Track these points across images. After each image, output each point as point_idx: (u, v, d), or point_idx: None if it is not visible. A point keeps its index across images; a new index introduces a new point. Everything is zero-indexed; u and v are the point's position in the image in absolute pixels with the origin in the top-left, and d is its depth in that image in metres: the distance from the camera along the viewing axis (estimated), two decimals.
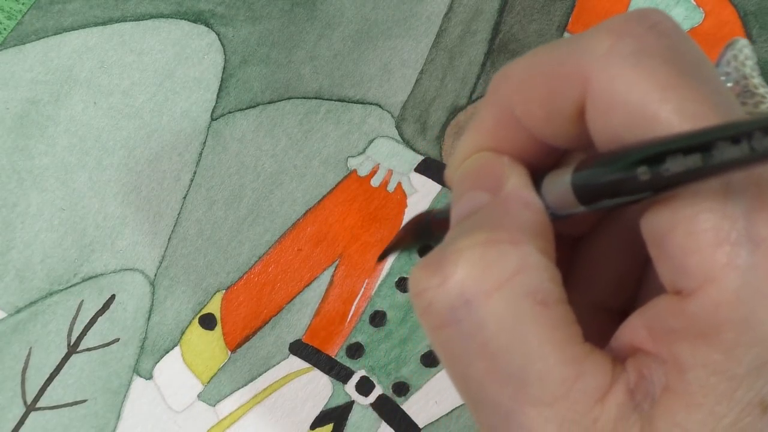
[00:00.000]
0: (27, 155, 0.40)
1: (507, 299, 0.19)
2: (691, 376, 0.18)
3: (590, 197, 0.20)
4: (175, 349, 0.37)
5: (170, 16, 0.42)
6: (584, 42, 0.20)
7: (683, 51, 0.20)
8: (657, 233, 0.19)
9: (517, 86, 0.22)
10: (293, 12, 0.42)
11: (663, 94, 0.19)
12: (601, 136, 0.20)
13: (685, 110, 0.18)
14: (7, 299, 0.38)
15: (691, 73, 0.19)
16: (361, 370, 0.37)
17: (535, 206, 0.21)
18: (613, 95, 0.19)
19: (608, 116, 0.20)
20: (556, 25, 0.41)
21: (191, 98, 0.41)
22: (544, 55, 0.21)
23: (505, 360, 0.20)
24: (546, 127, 0.22)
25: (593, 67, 0.20)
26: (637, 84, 0.19)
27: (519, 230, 0.20)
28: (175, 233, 0.39)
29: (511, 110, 0.22)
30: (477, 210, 0.22)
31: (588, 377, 0.19)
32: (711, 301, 0.18)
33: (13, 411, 0.36)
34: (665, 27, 0.20)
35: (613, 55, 0.20)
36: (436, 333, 0.21)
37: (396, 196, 0.39)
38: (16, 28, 0.42)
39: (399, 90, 0.41)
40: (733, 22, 0.41)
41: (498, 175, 0.22)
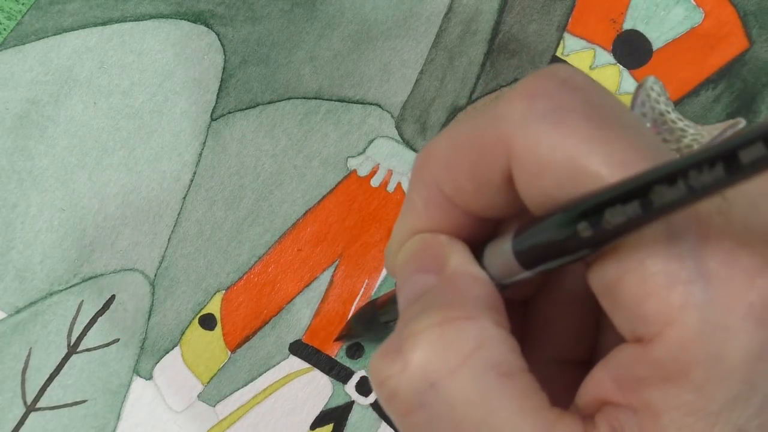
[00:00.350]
0: (27, 156, 0.40)
1: (472, 375, 0.19)
2: (666, 420, 0.18)
3: (533, 261, 0.20)
4: (175, 349, 0.37)
5: (170, 17, 0.42)
6: (499, 109, 0.20)
7: (599, 102, 0.20)
8: (606, 285, 0.19)
9: (441, 164, 0.22)
10: (293, 12, 0.42)
11: (587, 147, 0.18)
12: (534, 200, 0.20)
13: (612, 160, 0.18)
14: (7, 299, 0.38)
15: (611, 122, 0.19)
16: (361, 370, 0.37)
17: (482, 280, 0.21)
18: (538, 157, 0.19)
19: (537, 179, 0.19)
20: (555, 25, 0.41)
21: (191, 98, 0.41)
22: (464, 128, 0.21)
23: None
24: (476, 200, 0.21)
25: (513, 133, 0.20)
26: (560, 142, 0.19)
27: (471, 306, 0.20)
28: (175, 233, 0.39)
29: (439, 188, 0.22)
30: (424, 292, 0.22)
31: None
32: (674, 343, 0.18)
33: (13, 411, 0.36)
34: (577, 81, 0.20)
35: (531, 118, 0.19)
36: (404, 419, 0.20)
37: (396, 196, 0.39)
38: (15, 28, 0.42)
39: (399, 90, 0.41)
40: (733, 22, 0.41)
41: (439, 254, 0.22)
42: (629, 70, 0.40)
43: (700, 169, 0.16)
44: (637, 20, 0.41)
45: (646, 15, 0.41)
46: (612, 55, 0.41)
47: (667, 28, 0.41)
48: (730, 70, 0.40)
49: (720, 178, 0.16)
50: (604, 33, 0.41)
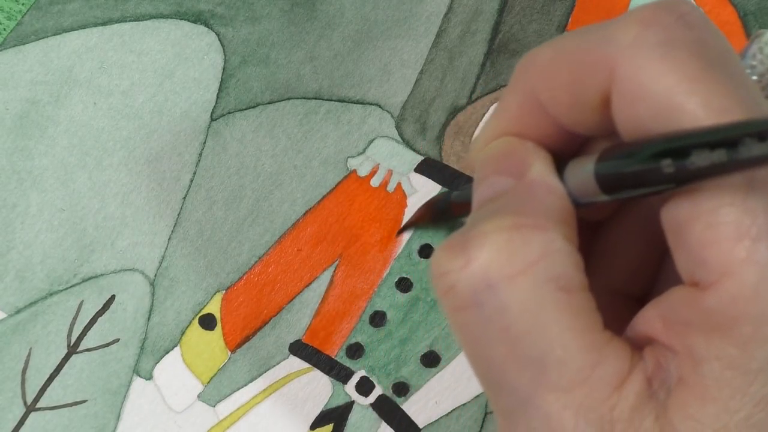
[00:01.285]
0: (27, 156, 0.40)
1: (530, 284, 0.19)
2: (705, 369, 0.18)
3: (613, 187, 0.20)
4: (175, 349, 0.37)
5: (170, 17, 0.42)
6: (611, 30, 0.20)
7: (711, 44, 0.20)
8: (677, 224, 0.19)
9: (542, 72, 0.22)
10: (293, 12, 0.42)
11: (690, 86, 0.19)
12: (626, 126, 0.20)
13: (711, 104, 0.18)
14: (6, 300, 0.38)
15: (718, 66, 0.19)
16: (361, 371, 0.37)
17: (559, 193, 0.21)
18: (640, 85, 0.19)
19: (634, 106, 0.19)
20: (555, 25, 0.41)
21: (191, 98, 0.41)
22: (571, 42, 0.21)
23: (526, 345, 0.20)
24: (570, 114, 0.22)
25: (620, 56, 0.20)
26: (663, 75, 0.19)
27: (544, 216, 0.20)
28: (175, 233, 0.39)
29: (535, 96, 0.22)
30: (501, 194, 0.22)
31: (607, 365, 0.19)
32: (728, 294, 0.18)
33: (13, 411, 0.36)
34: (693, 18, 0.20)
35: (640, 45, 0.19)
36: (456, 315, 0.21)
37: (396, 196, 0.39)
38: (15, 28, 0.42)
39: (399, 90, 0.41)
40: (733, 22, 0.41)
41: (522, 160, 0.22)
42: None
43: None
44: None
45: None
46: None
47: None
48: None
49: None
50: None
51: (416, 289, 0.37)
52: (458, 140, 0.40)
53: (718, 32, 0.20)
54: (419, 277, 0.38)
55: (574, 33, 0.22)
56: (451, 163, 0.39)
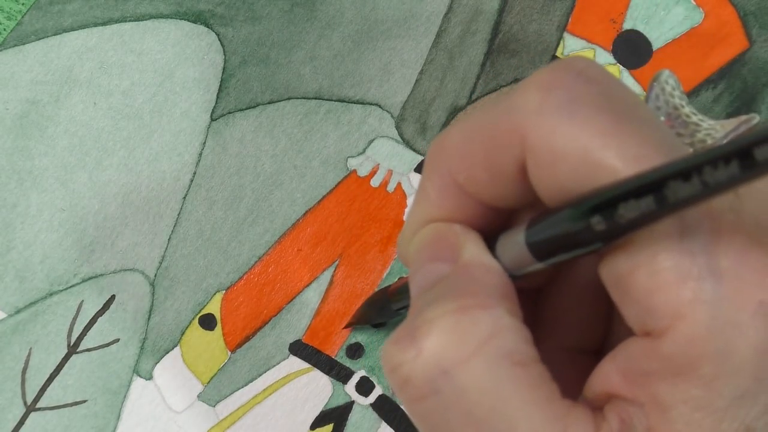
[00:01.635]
0: (27, 156, 0.40)
1: (485, 364, 0.19)
2: (674, 414, 0.18)
3: (546, 253, 0.20)
4: (175, 349, 0.37)
5: (170, 17, 0.42)
6: (514, 99, 0.20)
7: (615, 95, 0.19)
8: (617, 278, 0.19)
9: (455, 153, 0.22)
10: (293, 12, 0.42)
11: (603, 140, 0.18)
12: (547, 191, 0.20)
13: (627, 154, 0.18)
14: (7, 300, 0.38)
15: (627, 116, 0.19)
16: (361, 371, 0.37)
17: (495, 270, 0.21)
18: (553, 149, 0.19)
19: (551, 170, 0.19)
20: (555, 25, 0.41)
21: (191, 98, 0.41)
22: (478, 119, 0.21)
23: (491, 425, 0.19)
24: (490, 190, 0.21)
25: (528, 123, 0.20)
26: (575, 134, 0.19)
27: (486, 295, 0.20)
28: (175, 234, 0.39)
29: (452, 178, 0.22)
30: (438, 281, 0.22)
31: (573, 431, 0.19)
32: (683, 338, 0.18)
33: (13, 411, 0.36)
34: (593, 73, 0.20)
35: (546, 109, 0.19)
36: (416, 406, 0.20)
37: (396, 196, 0.39)
38: (15, 28, 0.42)
39: (399, 90, 0.41)
40: (733, 22, 0.41)
41: (452, 244, 0.22)
42: (629, 70, 0.40)
43: (715, 165, 0.16)
44: (637, 20, 0.41)
45: (646, 15, 0.41)
46: (612, 55, 0.41)
47: (667, 28, 0.41)
48: (730, 70, 0.40)
49: (735, 175, 0.16)
50: (604, 33, 0.41)
51: None
52: None
53: (619, 82, 0.20)
54: None
55: (478, 109, 0.22)
56: None
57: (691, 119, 0.34)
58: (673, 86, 0.34)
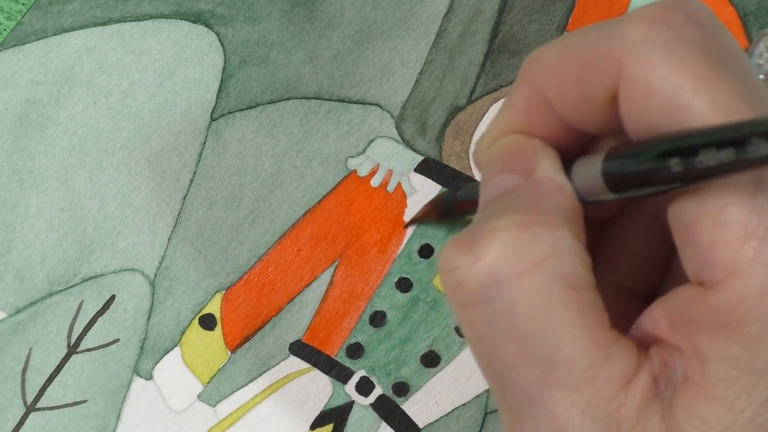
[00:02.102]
0: (27, 156, 0.40)
1: (539, 282, 0.19)
2: (711, 368, 0.18)
3: (620, 185, 0.20)
4: (175, 349, 0.37)
5: (170, 17, 0.42)
6: (619, 28, 0.20)
7: (719, 43, 0.20)
8: (684, 223, 0.19)
9: (549, 69, 0.22)
10: (293, 12, 0.42)
11: (697, 85, 0.19)
12: (634, 124, 0.20)
13: (718, 103, 0.18)
14: (7, 300, 0.38)
15: (725, 65, 0.19)
16: (361, 371, 0.37)
17: (567, 191, 0.21)
18: (647, 83, 0.19)
19: (641, 104, 0.19)
20: (555, 25, 0.41)
21: (191, 98, 0.41)
22: (578, 40, 0.21)
23: (534, 342, 0.20)
24: (578, 112, 0.22)
25: (628, 53, 0.20)
26: (671, 73, 0.19)
27: (552, 214, 0.20)
28: (175, 234, 0.39)
29: (542, 93, 0.22)
30: (508, 192, 0.22)
31: (614, 363, 0.19)
32: (735, 294, 0.18)
33: (13, 411, 0.36)
34: (702, 17, 0.20)
35: (648, 43, 0.19)
36: (464, 311, 0.21)
37: (396, 196, 0.39)
38: (15, 28, 0.42)
39: (399, 90, 0.41)
40: (733, 22, 0.41)
41: (529, 158, 0.22)
42: None
43: None
44: None
45: None
46: None
47: None
48: None
49: None
50: None
51: (416, 289, 0.37)
52: (458, 140, 0.40)
53: (725, 31, 0.20)
54: (419, 277, 0.38)
55: (581, 31, 0.22)
56: (451, 163, 0.39)
57: None
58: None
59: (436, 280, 0.38)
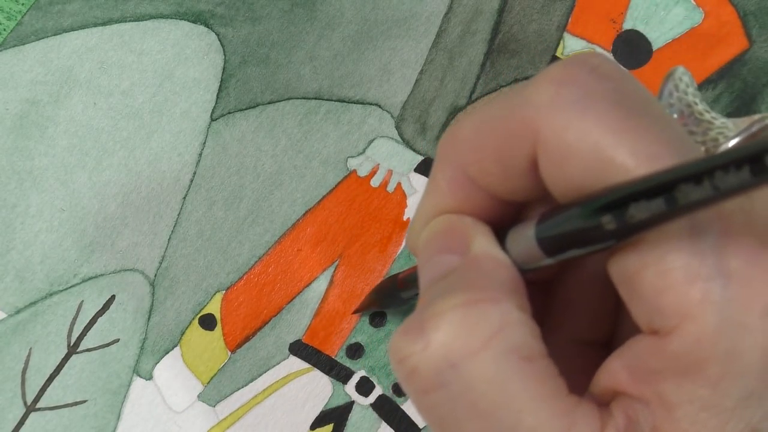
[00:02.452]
0: (27, 156, 0.40)
1: (493, 358, 0.19)
2: (680, 414, 0.18)
3: (556, 249, 0.20)
4: (175, 349, 0.37)
5: (170, 17, 0.42)
6: (527, 93, 0.20)
7: (629, 92, 0.19)
8: (627, 276, 0.19)
9: (467, 145, 0.22)
10: (293, 12, 0.42)
11: (615, 138, 0.18)
12: (558, 186, 0.20)
13: (640, 152, 0.18)
14: (6, 300, 0.38)
15: (640, 113, 0.19)
16: (361, 371, 0.37)
17: (505, 263, 0.21)
18: (565, 144, 0.19)
19: (562, 166, 0.19)
20: (555, 25, 0.41)
21: (191, 99, 0.41)
22: (490, 111, 0.21)
23: (497, 419, 0.19)
24: (501, 183, 0.22)
25: (540, 117, 0.20)
26: (587, 131, 0.19)
27: (495, 288, 0.20)
28: (175, 234, 0.39)
29: (464, 170, 0.22)
30: (447, 273, 0.22)
31: (578, 428, 0.19)
32: (691, 337, 0.18)
33: (13, 411, 0.36)
34: (606, 69, 0.20)
35: (559, 104, 0.19)
36: (422, 397, 0.20)
37: (396, 196, 0.39)
38: (15, 28, 0.42)
39: (399, 90, 0.41)
40: (733, 22, 0.41)
41: (463, 236, 0.22)
42: (629, 70, 0.40)
43: (726, 170, 0.16)
44: (637, 20, 0.41)
45: (646, 15, 0.41)
46: (612, 55, 0.41)
47: (666, 28, 0.41)
48: (730, 70, 0.40)
49: (746, 180, 0.16)
50: (604, 33, 0.41)
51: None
52: None
53: (632, 79, 0.20)
54: None
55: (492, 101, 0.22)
56: None
57: (704, 117, 0.34)
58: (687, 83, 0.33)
59: None
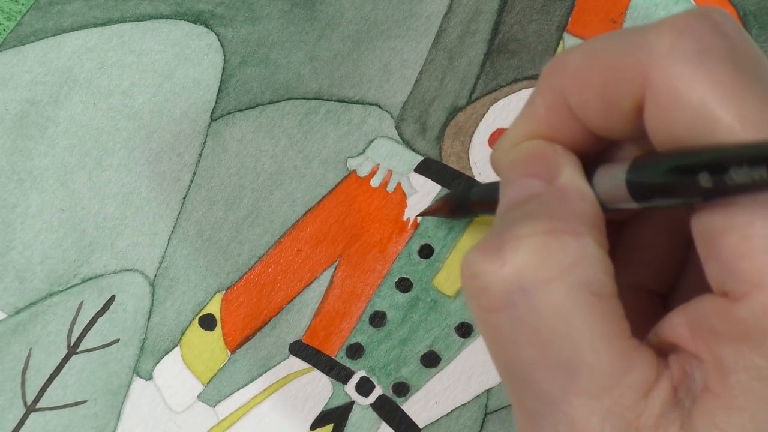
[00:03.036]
0: (27, 156, 0.40)
1: (565, 289, 0.20)
2: (733, 379, 0.18)
3: (645, 196, 0.20)
4: (175, 349, 0.37)
5: (170, 17, 0.42)
6: (646, 36, 0.20)
7: (745, 54, 0.19)
8: (709, 234, 0.19)
9: (573, 75, 0.22)
10: (293, 12, 0.42)
11: (725, 97, 0.18)
12: (659, 134, 0.20)
13: (747, 117, 0.18)
14: (6, 300, 0.38)
15: (754, 77, 0.19)
16: (361, 371, 0.37)
17: (590, 198, 0.21)
18: (674, 94, 0.19)
19: (668, 115, 0.19)
20: (555, 25, 0.41)
21: (191, 99, 0.41)
22: (603, 46, 0.21)
23: (556, 348, 0.20)
24: (601, 119, 0.21)
25: (655, 63, 0.20)
26: (699, 85, 0.19)
27: (577, 221, 0.21)
28: (175, 234, 0.39)
29: (564, 99, 0.22)
30: (531, 197, 0.22)
31: (635, 372, 0.19)
32: (760, 306, 0.18)
33: (13, 412, 0.36)
34: (728, 27, 0.20)
35: (676, 53, 0.19)
36: (487, 316, 0.21)
37: (396, 196, 0.39)
38: (15, 29, 0.42)
39: (398, 90, 0.41)
40: None
41: (552, 164, 0.22)
42: None
43: None
44: (637, 20, 0.41)
45: (645, 15, 0.41)
46: None
47: None
48: None
49: None
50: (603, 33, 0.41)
51: (416, 290, 0.37)
52: (458, 140, 0.40)
53: (752, 42, 0.20)
54: (419, 278, 0.38)
55: (605, 37, 0.21)
56: (450, 163, 0.39)
57: None
58: None
59: (436, 281, 0.38)
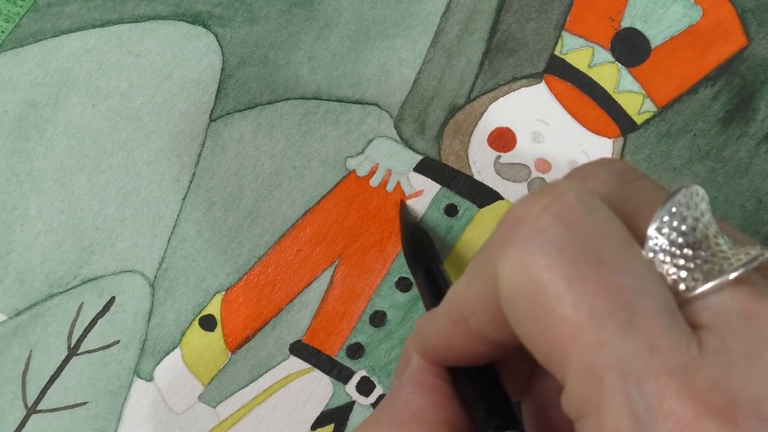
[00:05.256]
0: (26, 158, 0.40)
1: None
2: None
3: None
4: (176, 350, 0.37)
5: (168, 18, 0.42)
6: (492, 237, 0.21)
7: (584, 234, 0.19)
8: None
9: (462, 298, 0.23)
10: (291, 13, 0.42)
11: (560, 285, 0.19)
12: (515, 327, 0.20)
13: (581, 304, 0.18)
14: (6, 302, 0.38)
15: (589, 259, 0.19)
16: (362, 371, 0.37)
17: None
18: (512, 284, 0.19)
19: (510, 306, 0.20)
20: (554, 24, 0.41)
21: (190, 99, 0.41)
22: (474, 259, 0.22)
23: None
24: (491, 329, 0.22)
25: (498, 258, 0.20)
26: (532, 273, 0.19)
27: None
28: (175, 235, 0.39)
29: (465, 323, 0.23)
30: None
31: None
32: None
33: (14, 413, 0.36)
34: (558, 208, 0.20)
35: (511, 244, 0.20)
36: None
37: (395, 195, 0.39)
38: (13, 30, 0.42)
39: (397, 90, 0.41)
40: (731, 20, 0.41)
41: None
42: (628, 68, 0.40)
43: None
44: (636, 18, 0.41)
45: (644, 13, 0.41)
46: (610, 53, 0.41)
47: (665, 25, 0.41)
48: (729, 68, 0.40)
49: None
50: (602, 31, 0.41)
51: (416, 289, 0.37)
52: (457, 139, 0.40)
53: (595, 219, 0.20)
54: None
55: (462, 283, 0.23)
56: (449, 162, 0.39)
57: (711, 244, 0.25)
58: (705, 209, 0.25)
59: None
